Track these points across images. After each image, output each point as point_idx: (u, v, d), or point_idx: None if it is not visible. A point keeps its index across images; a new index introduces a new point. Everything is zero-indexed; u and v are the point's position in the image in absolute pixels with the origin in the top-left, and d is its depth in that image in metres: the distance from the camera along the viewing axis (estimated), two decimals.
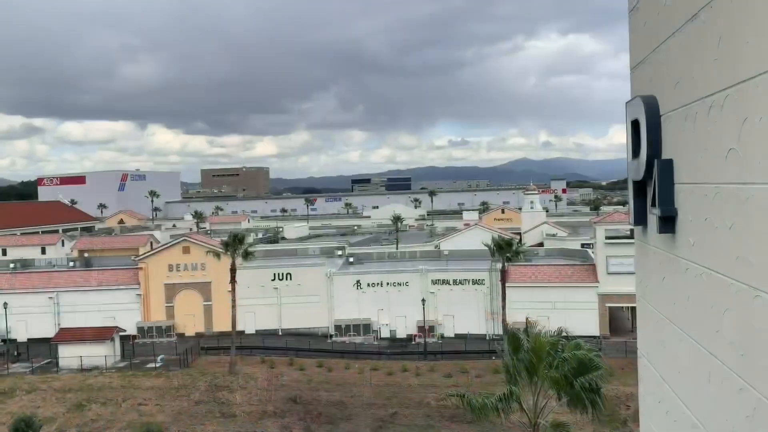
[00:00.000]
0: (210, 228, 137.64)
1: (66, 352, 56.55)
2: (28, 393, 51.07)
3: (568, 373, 21.25)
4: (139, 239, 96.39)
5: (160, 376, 53.20)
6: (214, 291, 67.61)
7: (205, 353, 59.73)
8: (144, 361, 57.58)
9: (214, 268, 65.33)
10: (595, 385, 21.29)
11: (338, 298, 66.33)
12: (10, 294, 66.88)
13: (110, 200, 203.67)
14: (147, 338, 65.05)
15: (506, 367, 23.71)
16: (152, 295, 67.85)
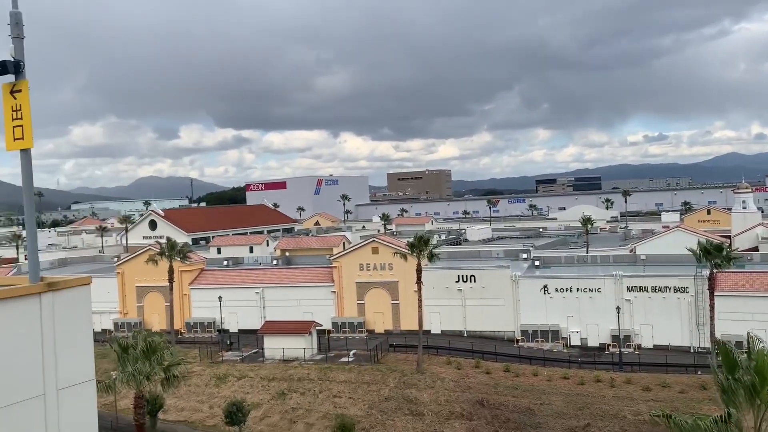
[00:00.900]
0: (396, 229, 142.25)
1: (270, 344, 61.62)
2: (238, 379, 56.42)
3: None
4: (333, 240, 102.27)
5: (353, 370, 55.82)
6: (401, 290, 69.55)
7: (393, 350, 61.60)
8: (338, 355, 60.86)
9: (401, 268, 67.21)
10: None
11: (524, 303, 64.72)
12: (224, 288, 74.54)
13: (307, 203, 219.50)
14: (340, 333, 68.74)
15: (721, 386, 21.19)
16: (345, 292, 71.60)
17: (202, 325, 73.89)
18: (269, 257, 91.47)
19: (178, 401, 52.74)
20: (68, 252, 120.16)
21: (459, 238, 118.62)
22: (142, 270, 75.67)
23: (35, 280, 7.20)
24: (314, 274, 74.49)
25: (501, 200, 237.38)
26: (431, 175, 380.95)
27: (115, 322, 75.95)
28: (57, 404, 6.94)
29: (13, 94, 7.59)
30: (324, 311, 70.32)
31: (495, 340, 63.83)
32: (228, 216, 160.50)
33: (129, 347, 32.84)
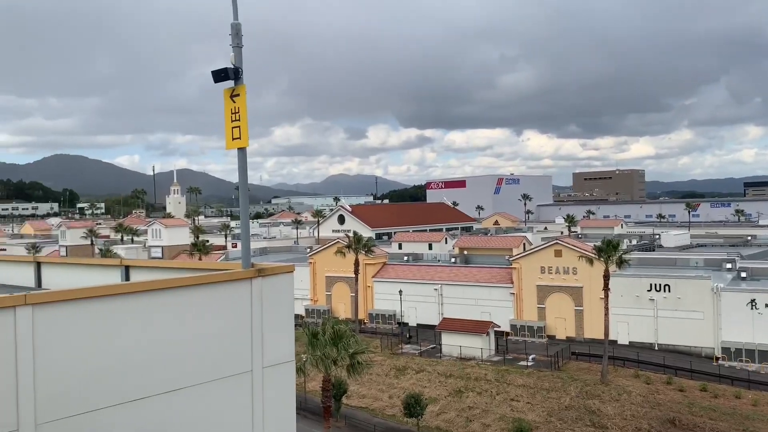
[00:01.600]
0: (581, 232, 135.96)
1: (448, 340, 62.25)
2: (416, 373, 57.73)
3: None
4: (512, 240, 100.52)
5: (531, 375, 54.46)
6: (586, 296, 66.43)
7: (575, 358, 59.09)
8: (516, 358, 59.76)
9: (586, 273, 64.20)
10: None
11: (726, 317, 58.53)
12: (404, 283, 76.68)
13: (487, 202, 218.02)
14: (519, 336, 67.41)
15: None
16: (524, 294, 70.05)
17: (383, 317, 76.72)
18: (447, 255, 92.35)
19: (360, 388, 55.27)
20: (268, 242, 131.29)
21: (652, 243, 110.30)
22: (331, 261, 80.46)
23: (247, 266, 7.90)
24: (492, 274, 73.82)
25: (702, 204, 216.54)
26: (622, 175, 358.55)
27: (306, 308, 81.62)
28: (262, 381, 7.57)
29: (233, 98, 8.38)
30: (501, 312, 69.43)
31: (690, 355, 58.58)
32: (409, 213, 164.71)
33: (318, 333, 35.07)
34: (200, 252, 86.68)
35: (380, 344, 65.42)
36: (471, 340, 60.87)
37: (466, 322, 64.12)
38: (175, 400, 6.80)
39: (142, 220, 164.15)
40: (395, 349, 64.70)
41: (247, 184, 8.63)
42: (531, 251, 73.59)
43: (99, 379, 6.20)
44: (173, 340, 6.83)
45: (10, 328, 5.64)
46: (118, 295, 6.46)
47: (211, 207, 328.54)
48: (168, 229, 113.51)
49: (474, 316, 67.61)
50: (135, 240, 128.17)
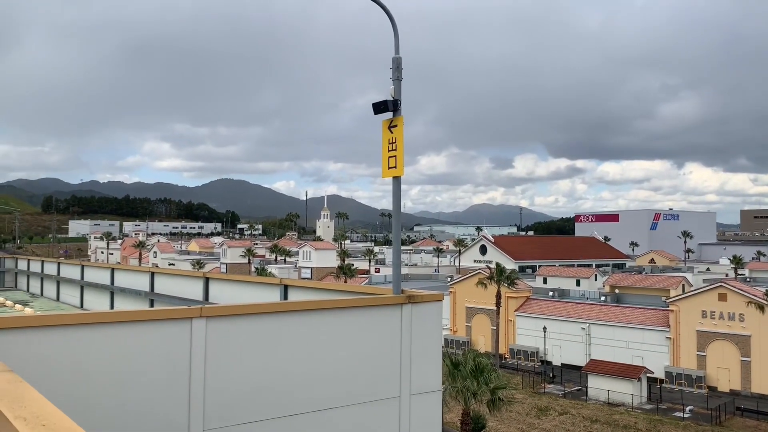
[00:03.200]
0: (749, 275, 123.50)
1: (595, 383, 58.84)
2: (559, 414, 55.06)
3: None
4: (670, 280, 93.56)
5: (689, 428, 49.88)
6: (754, 346, 59.95)
7: (740, 414, 53.33)
8: (670, 408, 55.11)
9: (755, 320, 58.08)
10: None
11: None
12: (549, 319, 73.87)
13: (642, 238, 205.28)
14: (675, 384, 62.18)
15: None
16: (682, 340, 64.64)
17: (525, 353, 74.32)
18: (597, 292, 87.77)
19: (499, 425, 53.74)
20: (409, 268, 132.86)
21: None
22: (472, 291, 79.61)
23: (398, 292, 8.04)
24: (647, 316, 68.97)
25: None
26: None
27: (445, 338, 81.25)
28: (409, 408, 7.61)
29: (391, 129, 8.66)
30: (655, 357, 64.50)
31: None
32: (555, 246, 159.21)
33: (459, 364, 34.72)
34: (345, 275, 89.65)
35: (521, 381, 63.34)
36: (621, 385, 57.07)
37: (616, 365, 60.29)
38: (326, 419, 7.03)
39: (294, 242, 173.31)
40: (537, 387, 62.29)
41: (400, 211, 8.82)
42: (691, 293, 67.91)
43: (260, 391, 6.57)
44: (327, 360, 7.09)
45: (186, 338, 6.16)
46: (281, 313, 6.85)
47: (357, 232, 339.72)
48: (317, 251, 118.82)
49: (624, 359, 63.43)
50: (287, 261, 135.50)
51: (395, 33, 8.70)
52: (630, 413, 53.58)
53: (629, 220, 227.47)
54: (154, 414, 5.93)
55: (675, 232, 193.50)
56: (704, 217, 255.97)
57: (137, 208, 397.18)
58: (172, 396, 6.03)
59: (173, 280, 16.05)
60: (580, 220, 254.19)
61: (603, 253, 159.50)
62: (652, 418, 52.16)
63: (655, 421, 51.31)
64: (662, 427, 50.30)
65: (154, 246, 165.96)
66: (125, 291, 17.64)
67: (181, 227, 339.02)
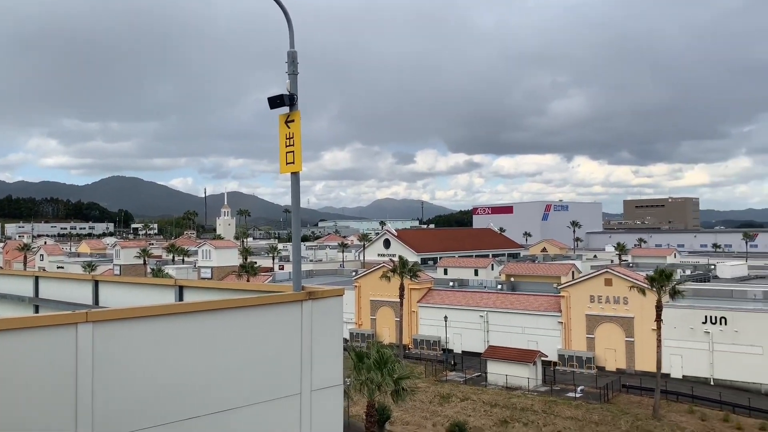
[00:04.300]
0: (632, 261, 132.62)
1: (493, 369, 61.19)
2: (461, 401, 56.82)
3: None
4: (561, 268, 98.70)
5: (580, 407, 52.95)
6: (637, 327, 64.49)
7: (626, 391, 57.23)
8: (563, 389, 58.25)
9: (637, 303, 62.42)
10: None
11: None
12: (450, 309, 75.98)
13: (534, 229, 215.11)
14: (567, 366, 65.76)
15: None
16: (573, 323, 68.47)
17: (428, 343, 76.06)
18: (494, 281, 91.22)
19: (403, 414, 54.69)
20: (314, 264, 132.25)
21: (707, 274, 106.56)
22: (376, 285, 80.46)
23: (298, 289, 8.00)
24: (540, 302, 72.51)
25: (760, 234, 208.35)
26: (675, 204, 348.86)
27: (350, 332, 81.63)
28: (310, 404, 7.60)
29: (288, 123, 8.58)
30: (549, 341, 67.97)
31: (749, 392, 56.00)
32: (455, 238, 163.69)
33: (363, 357, 34.99)
34: (248, 273, 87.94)
35: (425, 370, 64.78)
36: (517, 369, 59.69)
37: (513, 350, 62.99)
38: (226, 421, 6.89)
39: (193, 241, 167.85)
40: (440, 376, 63.94)
41: (299, 207, 8.77)
42: (580, 279, 72.06)
43: (155, 396, 6.34)
44: (225, 360, 6.94)
45: (71, 345, 5.83)
46: (174, 315, 6.62)
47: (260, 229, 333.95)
48: (218, 250, 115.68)
49: (520, 344, 66.39)
50: (186, 260, 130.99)
51: (290, 27, 8.63)
52: (527, 396, 56.15)
53: (523, 212, 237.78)
54: (39, 427, 5.59)
55: (565, 222, 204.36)
56: (591, 207, 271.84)
57: (21, 209, 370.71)
58: (57, 406, 5.71)
59: (60, 284, 15.11)
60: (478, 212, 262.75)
61: (499, 244, 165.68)
62: (547, 399, 54.93)
63: (550, 403, 54.06)
64: (556, 407, 53.08)
65: (40, 248, 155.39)
66: (6, 297, 16.44)
67: (70, 228, 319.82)
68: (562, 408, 52.87)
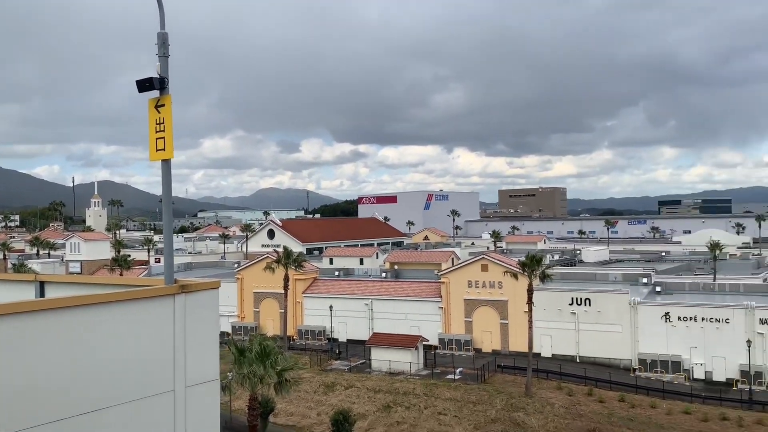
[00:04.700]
0: (506, 247, 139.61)
1: (377, 355, 62.27)
2: (345, 389, 57.37)
3: None
4: (441, 255, 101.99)
5: (459, 388, 55.16)
6: (511, 310, 68.06)
7: (501, 371, 60.30)
8: (444, 371, 60.41)
9: (511, 287, 65.81)
10: None
11: (642, 330, 61.29)
12: (335, 298, 76.32)
13: (417, 218, 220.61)
14: (447, 350, 68.21)
15: None
16: (452, 308, 71.08)
17: (313, 333, 76.00)
18: (378, 269, 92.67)
19: (288, 406, 54.38)
20: (193, 257, 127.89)
21: (573, 259, 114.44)
22: (260, 276, 79.14)
23: (170, 282, 7.68)
24: (422, 289, 74.59)
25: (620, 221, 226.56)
26: (545, 193, 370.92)
27: (233, 326, 79.82)
28: (185, 401, 7.34)
29: (158, 108, 8.18)
30: (430, 326, 70.17)
31: (609, 367, 60.89)
32: (340, 228, 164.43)
33: (245, 350, 34.35)
34: (121, 267, 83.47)
35: (309, 361, 64.70)
36: (400, 355, 61.12)
37: (396, 336, 64.39)
38: (94, 422, 6.50)
39: (60, 234, 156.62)
40: (324, 365, 64.15)
41: (171, 197, 8.39)
42: (459, 266, 74.86)
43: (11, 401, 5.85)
44: (92, 359, 6.53)
45: None
46: (30, 312, 6.13)
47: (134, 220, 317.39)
48: (87, 242, 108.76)
49: (404, 330, 68.02)
50: (52, 254, 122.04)
51: (160, 6, 8.21)
52: (409, 380, 57.67)
53: (406, 201, 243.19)
54: None
55: (445, 211, 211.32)
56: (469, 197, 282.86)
57: None
58: None
59: None
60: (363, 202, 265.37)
61: (384, 233, 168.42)
62: (428, 382, 56.72)
63: (430, 385, 55.86)
64: (437, 390, 54.96)
65: None
66: None
67: None
68: (442, 390, 54.81)
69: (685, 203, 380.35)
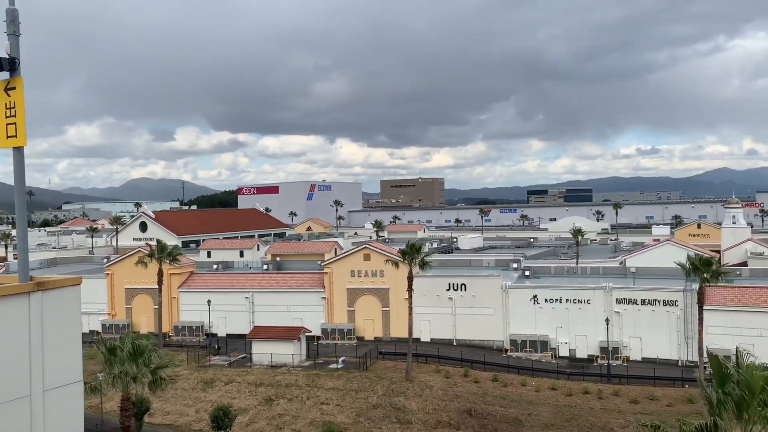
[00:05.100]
0: (388, 237, 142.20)
1: (258, 349, 61.33)
2: (225, 384, 56.10)
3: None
4: (324, 245, 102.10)
5: (341, 377, 55.64)
6: (392, 298, 69.49)
7: (382, 358, 61.47)
8: (327, 361, 60.65)
9: (392, 275, 67.16)
10: None
11: (513, 312, 64.83)
12: (214, 292, 74.18)
13: (300, 208, 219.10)
14: (330, 339, 68.51)
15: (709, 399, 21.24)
16: (335, 298, 71.44)
17: (190, 329, 73.50)
18: (260, 262, 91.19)
19: (164, 404, 52.38)
20: (58, 252, 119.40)
21: (451, 246, 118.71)
22: (132, 272, 75.24)
23: (24, 280, 7.14)
24: (305, 280, 74.32)
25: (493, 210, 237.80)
26: (424, 183, 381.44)
27: (103, 324, 75.45)
28: (43, 406, 6.86)
29: (8, 91, 7.56)
30: (313, 317, 70.14)
31: (484, 349, 63.84)
32: (219, 219, 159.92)
33: (116, 349, 32.60)
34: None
35: (187, 357, 62.58)
36: (282, 347, 60.60)
37: (278, 329, 63.74)
38: None
39: None
40: (203, 361, 62.28)
41: (24, 187, 7.79)
42: (342, 256, 75.28)
43: None
44: None
45: None
46: None
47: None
48: None
49: (286, 322, 67.45)
50: None
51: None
52: (291, 372, 57.38)
53: (288, 192, 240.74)
54: None
55: (328, 201, 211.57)
56: (352, 187, 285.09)
57: None
58: None
59: None
60: (243, 192, 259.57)
61: (265, 224, 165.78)
62: (310, 373, 56.74)
63: (313, 376, 55.92)
64: (319, 380, 55.12)
65: None
66: None
67: None
68: (324, 380, 55.05)
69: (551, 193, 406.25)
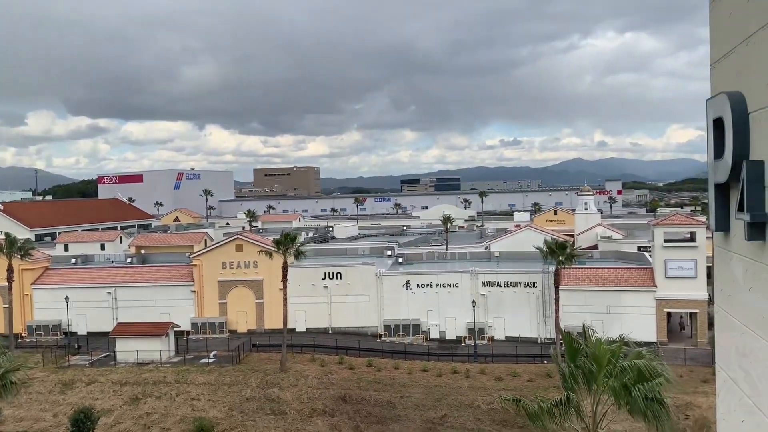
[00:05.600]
0: (262, 227, 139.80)
1: (123, 346, 58.20)
2: (87, 385, 52.77)
3: (629, 383, 20.45)
4: (193, 237, 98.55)
5: (213, 372, 54.18)
6: (266, 289, 68.51)
7: (256, 350, 60.52)
8: (197, 356, 58.76)
9: (267, 266, 66.17)
10: (658, 394, 20.42)
11: (387, 298, 66.26)
12: (72, 289, 69.30)
13: (166, 198, 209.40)
14: (200, 334, 66.39)
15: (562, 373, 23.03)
16: (206, 291, 69.23)
17: (46, 328, 68.27)
18: (123, 255, 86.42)
19: (17, 411, 48.38)
20: None
21: (326, 235, 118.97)
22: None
23: None
24: (172, 273, 71.36)
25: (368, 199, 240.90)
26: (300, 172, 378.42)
27: None
28: None
29: None
30: (182, 311, 67.57)
31: (359, 335, 64.78)
32: (77, 210, 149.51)
33: None
34: None
35: (42, 359, 58.09)
36: (149, 344, 57.90)
37: (144, 325, 60.82)
38: None
39: None
40: (61, 362, 58.11)
41: None
42: (212, 247, 73.04)
43: None
44: None
45: None
46: None
47: None
48: None
49: (153, 318, 64.41)
50: None
51: None
52: (159, 369, 55.06)
53: (154, 181, 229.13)
54: None
55: (197, 190, 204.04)
56: (223, 176, 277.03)
57: None
58: None
59: None
60: (104, 182, 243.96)
61: (128, 215, 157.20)
62: (180, 369, 54.73)
63: (183, 372, 54.00)
64: (190, 375, 53.34)
65: None
66: None
67: None
68: (195, 375, 53.35)
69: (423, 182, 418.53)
